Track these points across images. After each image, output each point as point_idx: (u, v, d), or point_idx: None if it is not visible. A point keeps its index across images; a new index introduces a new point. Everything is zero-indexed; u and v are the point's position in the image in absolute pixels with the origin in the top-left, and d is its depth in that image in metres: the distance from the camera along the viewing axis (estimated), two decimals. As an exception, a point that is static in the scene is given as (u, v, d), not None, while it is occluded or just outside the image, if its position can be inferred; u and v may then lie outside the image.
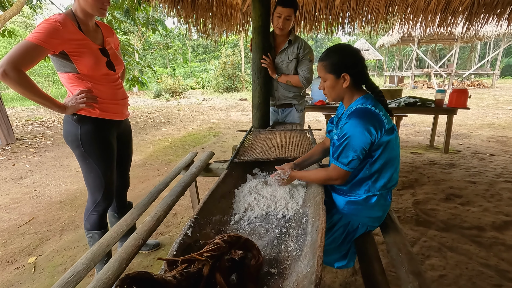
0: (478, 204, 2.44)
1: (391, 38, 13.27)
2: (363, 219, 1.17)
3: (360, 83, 1.13)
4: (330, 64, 1.10)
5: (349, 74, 1.08)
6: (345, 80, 1.09)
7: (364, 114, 1.03)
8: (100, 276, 0.88)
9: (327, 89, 1.16)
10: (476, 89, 14.26)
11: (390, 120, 1.07)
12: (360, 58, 1.10)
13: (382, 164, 1.08)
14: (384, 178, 1.10)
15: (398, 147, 1.12)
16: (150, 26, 6.65)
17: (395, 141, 1.09)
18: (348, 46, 1.14)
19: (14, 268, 1.80)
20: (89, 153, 1.37)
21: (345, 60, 1.09)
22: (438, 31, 4.19)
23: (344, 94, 1.14)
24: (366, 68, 1.13)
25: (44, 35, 1.15)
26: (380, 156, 1.07)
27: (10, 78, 1.10)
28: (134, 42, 15.35)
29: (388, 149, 1.06)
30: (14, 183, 3.21)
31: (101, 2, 1.28)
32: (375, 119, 1.03)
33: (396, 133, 1.08)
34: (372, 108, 1.05)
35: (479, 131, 5.36)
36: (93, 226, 1.49)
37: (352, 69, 1.09)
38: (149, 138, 5.43)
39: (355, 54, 1.10)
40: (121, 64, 1.50)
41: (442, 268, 1.68)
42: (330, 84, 1.13)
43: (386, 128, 1.03)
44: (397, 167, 1.13)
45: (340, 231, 1.22)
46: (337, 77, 1.10)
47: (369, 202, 1.13)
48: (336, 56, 1.10)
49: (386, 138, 1.04)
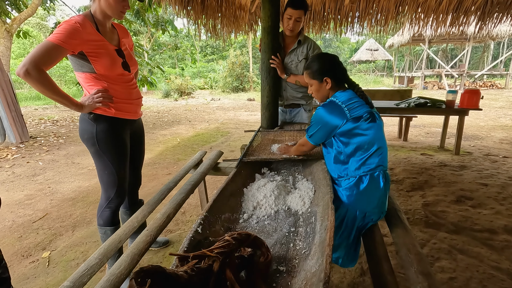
0: (490, 206, 2.40)
1: (401, 38, 13.09)
2: (360, 205, 1.21)
3: (341, 82, 1.32)
4: (313, 72, 1.31)
5: (330, 77, 1.27)
6: (327, 83, 1.29)
7: (328, 105, 1.26)
8: (113, 270, 0.90)
9: (314, 92, 1.36)
10: (489, 90, 13.95)
11: (359, 110, 1.20)
12: (337, 62, 1.30)
13: (353, 149, 1.22)
14: (356, 161, 1.22)
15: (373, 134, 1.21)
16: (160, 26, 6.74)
17: (365, 128, 1.20)
18: (326, 54, 1.35)
19: (29, 262, 1.86)
20: (103, 151, 1.40)
21: (325, 66, 1.29)
22: (450, 30, 4.11)
23: (329, 94, 1.33)
24: (345, 70, 1.32)
25: (64, 36, 1.18)
26: (349, 142, 1.22)
27: (32, 77, 1.14)
28: (144, 43, 15.54)
29: (356, 136, 1.21)
30: (28, 180, 3.30)
31: (122, 5, 1.32)
32: (336, 109, 1.22)
33: (365, 122, 1.20)
34: (337, 101, 1.24)
35: (492, 133, 5.25)
36: (106, 222, 1.52)
37: (332, 72, 1.28)
38: (158, 137, 5.49)
39: (333, 60, 1.31)
40: (136, 64, 1.53)
41: (452, 270, 1.66)
42: (316, 88, 1.34)
43: (348, 117, 1.19)
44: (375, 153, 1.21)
45: (339, 220, 1.26)
46: (320, 81, 1.30)
47: (361, 187, 1.21)
48: (317, 64, 1.30)
49: (350, 125, 1.20)
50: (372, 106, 1.27)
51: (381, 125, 1.26)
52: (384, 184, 1.21)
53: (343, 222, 1.26)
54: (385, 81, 20.37)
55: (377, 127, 1.23)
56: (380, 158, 1.22)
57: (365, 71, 23.39)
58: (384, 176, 1.22)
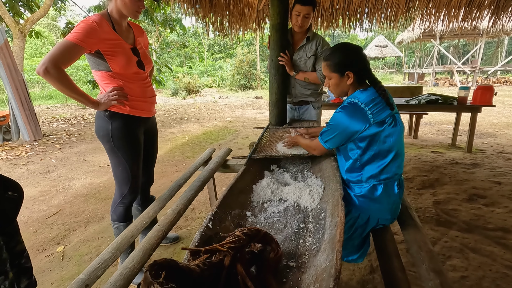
0: (504, 205, 2.35)
1: (411, 33, 12.85)
2: (373, 212, 1.18)
3: (363, 78, 1.18)
4: (334, 64, 1.17)
5: (353, 72, 1.14)
6: (349, 78, 1.16)
7: (349, 108, 1.13)
8: (126, 264, 0.93)
9: (333, 87, 1.23)
10: (503, 86, 13.60)
11: (382, 114, 1.10)
12: (362, 55, 1.16)
13: (371, 156, 1.13)
14: (372, 170, 1.15)
15: (393, 141, 1.13)
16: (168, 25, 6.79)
17: (387, 134, 1.11)
18: (350, 44, 1.19)
19: (44, 256, 1.91)
20: (118, 148, 1.43)
21: (348, 59, 1.15)
22: (462, 26, 4.01)
23: (348, 89, 1.21)
24: (369, 64, 1.18)
25: (82, 35, 1.21)
26: (369, 148, 1.13)
27: (51, 75, 1.17)
28: (152, 42, 15.67)
29: (377, 142, 1.12)
30: (42, 176, 3.39)
31: (137, 5, 1.35)
32: (359, 113, 1.10)
33: (388, 126, 1.10)
34: (358, 103, 1.11)
35: (506, 130, 5.12)
36: (119, 217, 1.55)
37: (355, 66, 1.15)
38: (166, 135, 5.55)
39: (357, 52, 1.16)
40: (150, 63, 1.55)
41: (464, 269, 1.63)
42: (335, 82, 1.20)
43: (371, 121, 1.08)
44: (393, 160, 1.14)
45: (349, 224, 1.23)
46: (341, 75, 1.17)
47: (375, 194, 1.15)
48: (339, 55, 1.16)
49: (373, 130, 1.09)
50: (393, 107, 1.15)
51: (402, 130, 1.16)
52: (399, 191, 1.17)
53: (353, 227, 1.23)
54: (395, 78, 20.05)
55: (398, 132, 1.14)
56: (397, 166, 1.16)
57: (374, 68, 23.09)
58: (399, 183, 1.18)
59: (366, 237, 1.29)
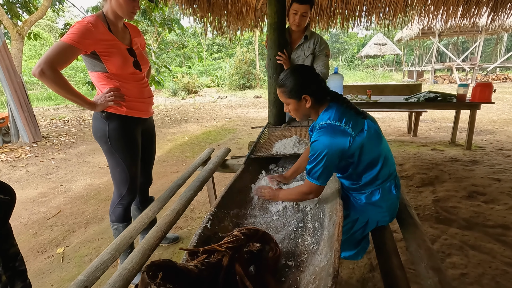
0: (503, 202, 2.35)
1: (410, 31, 12.81)
2: (371, 215, 1.17)
3: (322, 97, 1.13)
4: (289, 90, 1.12)
5: (309, 94, 1.10)
6: (307, 101, 1.11)
7: (328, 131, 1.05)
8: (125, 265, 0.93)
9: (293, 112, 1.17)
10: (502, 83, 13.58)
11: (358, 124, 1.07)
12: (314, 75, 1.12)
13: (365, 166, 1.10)
14: (368, 178, 1.12)
15: (378, 146, 1.10)
16: (167, 25, 6.78)
17: (370, 141, 1.07)
18: (301, 67, 1.15)
19: (44, 257, 1.91)
20: (115, 149, 1.43)
21: (301, 83, 1.10)
22: (461, 23, 4.01)
23: (310, 112, 1.16)
24: (324, 82, 1.14)
25: (77, 36, 1.21)
26: (360, 160, 1.09)
27: (47, 77, 1.17)
28: (151, 42, 15.65)
29: (365, 152, 1.07)
30: (42, 178, 3.39)
31: (132, 6, 1.34)
32: (337, 130, 1.05)
33: (367, 133, 1.07)
34: (332, 123, 1.07)
35: (505, 127, 5.12)
36: (118, 218, 1.55)
37: (310, 88, 1.10)
38: (166, 135, 5.55)
39: (309, 73, 1.12)
40: (147, 63, 1.55)
41: (463, 266, 1.63)
42: (294, 107, 1.15)
43: (353, 134, 1.04)
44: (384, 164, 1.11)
45: (348, 226, 1.22)
46: (298, 100, 1.12)
47: (372, 200, 1.14)
48: (292, 80, 1.11)
49: (358, 141, 1.05)
50: (365, 115, 1.13)
51: (379, 131, 1.14)
52: (396, 192, 1.17)
53: (351, 229, 1.22)
54: (394, 76, 20.03)
55: (378, 135, 1.12)
56: (389, 166, 1.15)
57: (373, 66, 23.05)
58: (395, 184, 1.18)
59: (365, 235, 1.29)
